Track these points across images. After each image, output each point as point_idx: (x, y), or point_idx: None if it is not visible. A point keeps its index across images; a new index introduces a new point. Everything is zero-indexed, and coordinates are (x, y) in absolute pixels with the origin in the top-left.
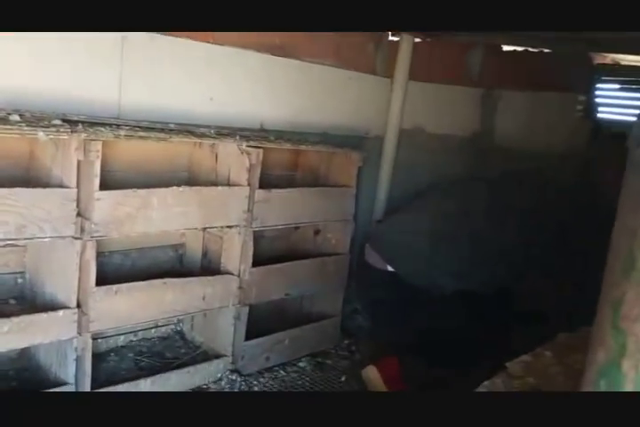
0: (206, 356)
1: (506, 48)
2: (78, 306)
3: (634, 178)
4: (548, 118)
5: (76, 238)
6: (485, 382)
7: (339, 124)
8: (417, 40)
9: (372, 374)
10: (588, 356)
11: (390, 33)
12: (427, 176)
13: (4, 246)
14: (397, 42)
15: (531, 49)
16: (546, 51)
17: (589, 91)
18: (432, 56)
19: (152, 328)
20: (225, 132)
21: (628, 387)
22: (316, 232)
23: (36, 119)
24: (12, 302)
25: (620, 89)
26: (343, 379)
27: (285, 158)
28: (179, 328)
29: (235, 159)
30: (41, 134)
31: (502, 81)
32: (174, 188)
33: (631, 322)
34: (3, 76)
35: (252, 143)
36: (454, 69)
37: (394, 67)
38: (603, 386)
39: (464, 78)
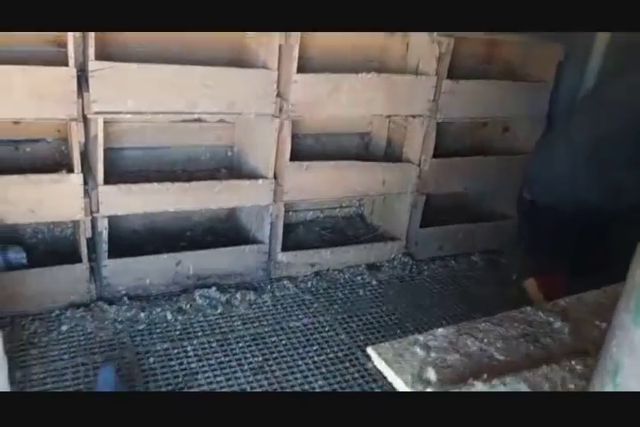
0: (383, 237)
1: None
2: (275, 177)
3: None
4: None
5: (275, 117)
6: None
7: None
8: None
9: (531, 288)
10: (628, 274)
11: None
12: None
13: (217, 122)
14: None
15: None
16: None
17: None
18: None
19: (337, 208)
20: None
21: None
22: (505, 129)
23: None
24: (223, 170)
25: None
26: (514, 277)
27: (480, 50)
28: (360, 211)
29: (425, 48)
30: None
31: None
32: (363, 74)
33: None
34: None
35: (443, 32)
36: None
37: None
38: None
39: None
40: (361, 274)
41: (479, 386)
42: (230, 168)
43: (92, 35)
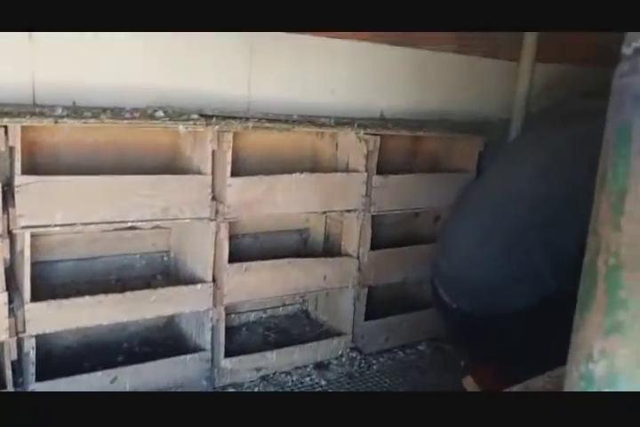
0: (328, 334)
1: None
2: (214, 280)
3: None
4: None
5: (212, 220)
6: None
7: (460, 110)
8: None
9: (469, 385)
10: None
11: None
12: None
13: (152, 228)
14: None
15: None
16: None
17: None
18: (560, 37)
19: (279, 307)
20: (344, 121)
21: (600, 280)
22: (436, 218)
23: (176, 114)
24: (159, 277)
25: None
26: (463, 364)
27: (405, 145)
28: (304, 307)
29: (353, 147)
30: (181, 127)
31: None
32: (297, 174)
33: (603, 226)
34: (150, 78)
35: (369, 131)
36: (584, 50)
37: (519, 50)
38: (586, 283)
39: (596, 59)
40: (309, 375)
41: None
42: (167, 274)
43: (18, 148)
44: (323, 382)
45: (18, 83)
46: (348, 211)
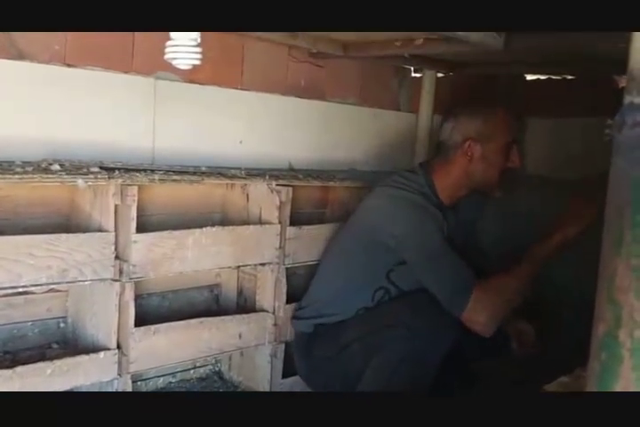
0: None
1: (529, 77)
2: (118, 347)
3: (617, 159)
4: (577, 144)
5: (115, 280)
6: None
7: (366, 160)
8: (440, 75)
9: None
10: (592, 331)
11: (413, 69)
12: None
13: (47, 292)
14: (420, 78)
15: (553, 77)
16: (569, 77)
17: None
18: (456, 89)
19: (190, 369)
20: (255, 172)
21: (626, 355)
22: None
23: (75, 168)
24: (55, 346)
25: None
26: None
27: (315, 196)
28: (217, 368)
29: (265, 198)
30: (80, 182)
31: (529, 110)
32: (208, 228)
33: (624, 293)
34: (44, 129)
35: (281, 182)
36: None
37: (418, 102)
38: (604, 357)
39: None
40: None
41: None
42: (64, 342)
43: None
44: None
45: None
46: (262, 264)
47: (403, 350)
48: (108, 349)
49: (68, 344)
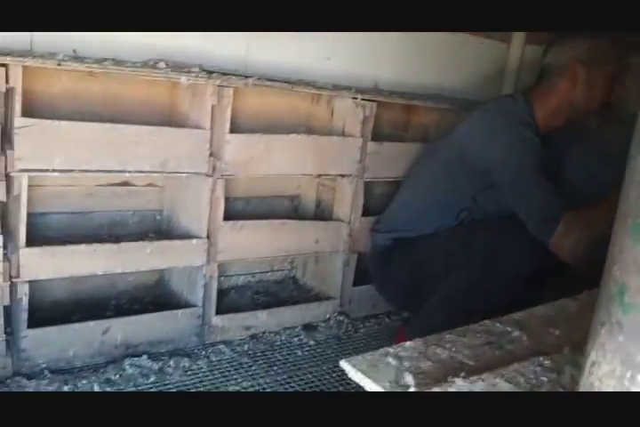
0: (317, 298)
1: None
2: (208, 237)
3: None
4: None
5: (209, 176)
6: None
7: (453, 87)
8: None
9: None
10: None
11: None
12: None
13: (146, 185)
14: None
15: None
16: None
17: None
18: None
19: (268, 271)
20: (341, 87)
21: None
22: None
23: (178, 67)
24: (152, 235)
25: None
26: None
27: (398, 117)
28: (292, 273)
29: (349, 112)
30: (183, 78)
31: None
32: (294, 135)
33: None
34: (152, 33)
35: (366, 97)
36: None
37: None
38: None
39: None
40: (298, 335)
41: (459, 382)
42: (159, 232)
43: (18, 89)
44: (311, 342)
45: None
46: (342, 176)
47: (478, 273)
48: (200, 237)
49: (163, 234)
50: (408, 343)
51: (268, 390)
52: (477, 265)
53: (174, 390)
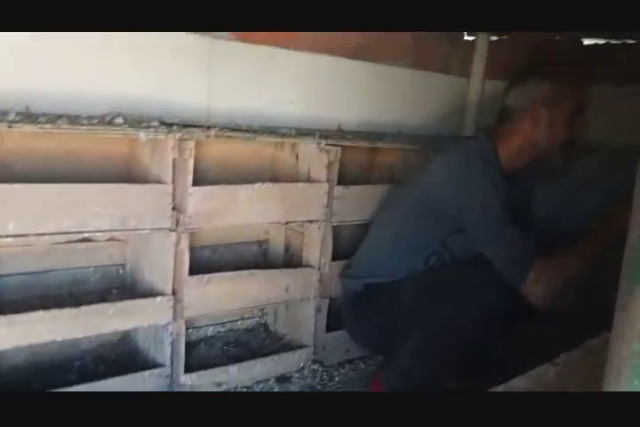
0: (289, 346)
1: (587, 42)
2: (173, 293)
3: None
4: (632, 112)
5: (172, 230)
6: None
7: (415, 124)
8: (493, 38)
9: None
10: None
11: (465, 32)
12: None
13: (107, 240)
14: (473, 41)
15: (613, 41)
16: (629, 42)
17: None
18: (509, 54)
19: (238, 320)
20: (304, 132)
21: None
22: None
23: (136, 122)
24: (114, 291)
25: None
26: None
27: (362, 158)
28: (263, 321)
29: (314, 157)
30: (142, 134)
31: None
32: (259, 184)
33: None
34: (109, 85)
35: (330, 142)
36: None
37: (470, 66)
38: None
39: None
40: (271, 388)
41: None
42: (123, 288)
43: None
44: None
45: None
46: (310, 221)
47: (453, 318)
48: (165, 294)
49: (127, 290)
50: None
51: None
52: (448, 310)
53: None
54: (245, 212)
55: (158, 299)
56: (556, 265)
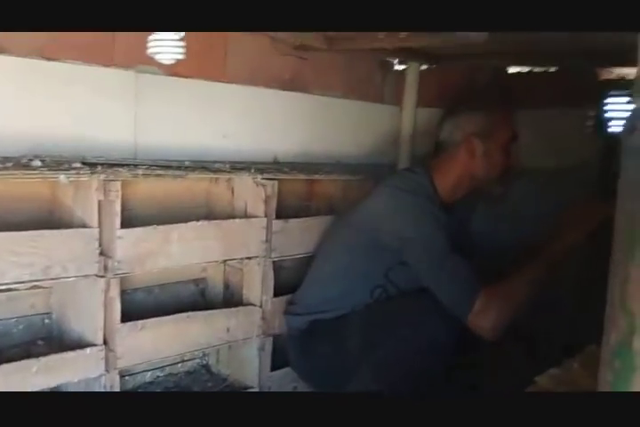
0: (233, 388)
1: (512, 70)
2: (105, 343)
3: (628, 164)
4: (556, 135)
5: (100, 277)
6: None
7: (351, 153)
8: (423, 67)
9: None
10: (603, 338)
11: (397, 62)
12: None
13: (30, 288)
14: (404, 70)
15: (536, 69)
16: (551, 70)
17: (598, 106)
18: (439, 82)
19: (178, 363)
20: (239, 166)
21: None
22: None
23: (56, 163)
24: (40, 342)
25: (628, 103)
26: None
27: (300, 189)
28: (204, 362)
29: (250, 192)
30: (62, 177)
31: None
32: (193, 222)
33: (637, 301)
34: (24, 125)
35: (266, 175)
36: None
37: (402, 95)
38: (617, 365)
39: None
40: None
41: None
42: (49, 339)
43: None
44: None
45: None
46: (249, 258)
47: (401, 350)
48: (95, 345)
49: (54, 341)
50: None
51: None
52: (395, 342)
53: None
54: (180, 252)
55: (88, 350)
56: (501, 294)
